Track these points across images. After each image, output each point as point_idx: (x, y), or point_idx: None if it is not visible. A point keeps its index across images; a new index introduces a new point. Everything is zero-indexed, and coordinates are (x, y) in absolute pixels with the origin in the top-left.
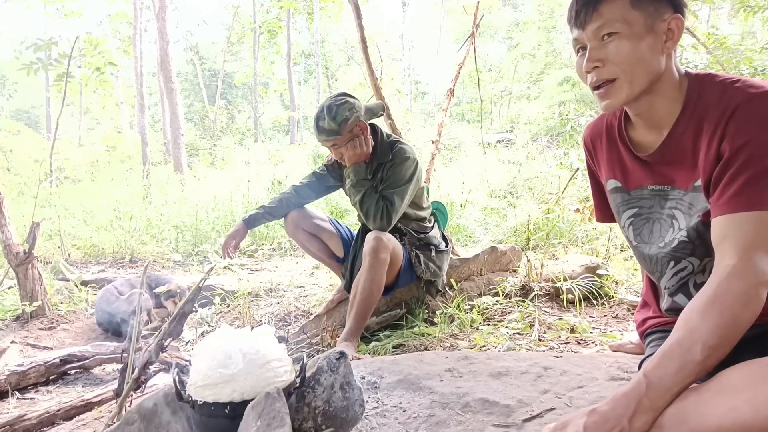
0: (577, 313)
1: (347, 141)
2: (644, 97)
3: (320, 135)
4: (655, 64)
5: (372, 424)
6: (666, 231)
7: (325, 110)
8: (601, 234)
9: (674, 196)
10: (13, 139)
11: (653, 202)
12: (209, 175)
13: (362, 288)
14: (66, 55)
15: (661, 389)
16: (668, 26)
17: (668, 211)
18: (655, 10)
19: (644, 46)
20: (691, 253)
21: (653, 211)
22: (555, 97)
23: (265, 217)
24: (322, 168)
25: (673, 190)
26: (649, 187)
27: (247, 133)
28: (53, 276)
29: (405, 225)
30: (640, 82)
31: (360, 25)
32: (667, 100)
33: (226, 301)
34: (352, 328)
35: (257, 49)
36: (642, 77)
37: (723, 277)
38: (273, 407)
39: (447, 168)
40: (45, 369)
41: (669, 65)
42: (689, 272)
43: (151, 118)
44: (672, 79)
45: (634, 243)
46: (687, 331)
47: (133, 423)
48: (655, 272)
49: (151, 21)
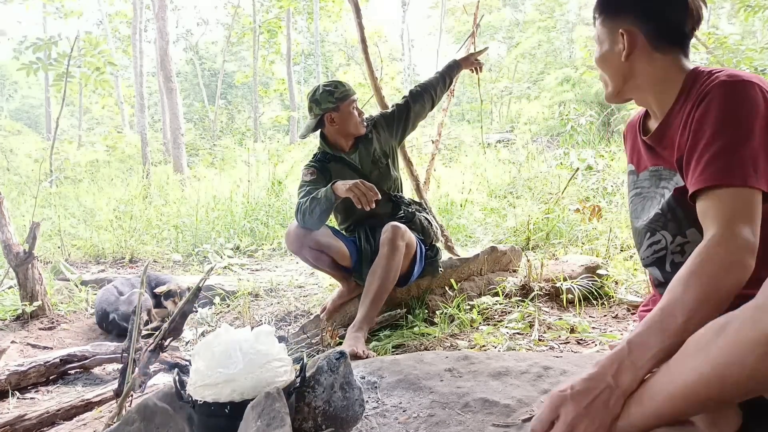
0: (577, 313)
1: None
2: (631, 93)
3: (351, 89)
4: (619, 66)
5: (372, 424)
6: (654, 207)
7: (336, 80)
8: (601, 234)
9: (666, 176)
10: (13, 139)
11: (651, 182)
12: (209, 175)
13: (378, 275)
14: (66, 55)
15: (642, 350)
16: (621, 41)
17: (660, 190)
18: (614, 26)
19: (607, 55)
20: (663, 227)
21: (650, 191)
22: (555, 97)
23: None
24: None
25: (665, 170)
26: (649, 168)
27: (247, 133)
28: (53, 276)
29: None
30: (614, 80)
31: (360, 25)
32: (655, 93)
33: (226, 301)
34: (364, 316)
35: (257, 49)
36: (613, 76)
37: (705, 247)
38: (273, 407)
39: (447, 168)
40: (45, 369)
41: (641, 67)
42: (662, 246)
43: (150, 118)
44: (654, 77)
45: (631, 218)
46: (669, 298)
47: (133, 423)
48: (637, 244)
49: (150, 21)
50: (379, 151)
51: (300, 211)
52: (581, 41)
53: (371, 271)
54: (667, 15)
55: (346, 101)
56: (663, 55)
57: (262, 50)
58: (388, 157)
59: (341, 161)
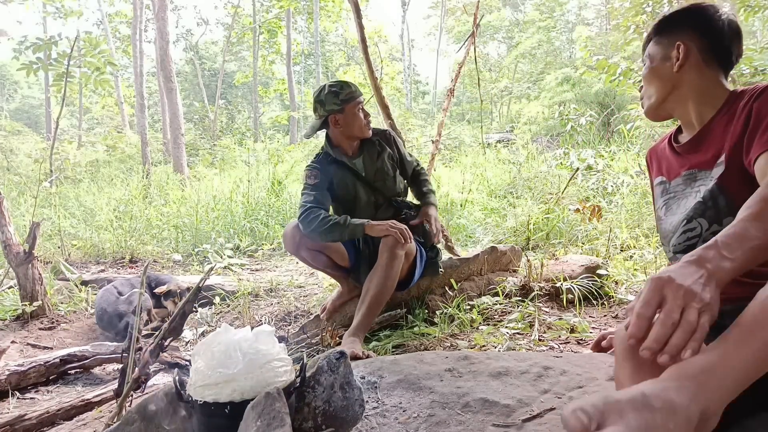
0: (577, 313)
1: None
2: (673, 103)
3: (357, 90)
4: (669, 76)
5: (372, 424)
6: (691, 203)
7: (341, 80)
8: (601, 234)
9: (701, 177)
10: (13, 139)
11: (685, 185)
12: (209, 175)
13: (376, 284)
14: (66, 55)
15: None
16: (675, 52)
17: (696, 188)
18: (670, 40)
19: (658, 67)
20: (702, 214)
21: (684, 192)
22: (555, 97)
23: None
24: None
25: (700, 171)
26: (682, 173)
27: (247, 133)
28: (53, 276)
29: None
30: (659, 91)
31: (360, 25)
32: (698, 105)
33: (226, 301)
34: (360, 323)
35: (257, 49)
36: (659, 87)
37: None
38: (273, 407)
39: (447, 168)
40: (45, 369)
41: (690, 78)
42: (697, 234)
43: (150, 117)
44: (701, 89)
45: (663, 217)
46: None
47: (133, 423)
48: (665, 238)
49: (150, 20)
50: (387, 162)
51: (311, 223)
52: (581, 41)
53: (369, 277)
54: (722, 36)
55: (351, 103)
56: (711, 71)
57: (262, 50)
58: (395, 170)
59: (343, 166)
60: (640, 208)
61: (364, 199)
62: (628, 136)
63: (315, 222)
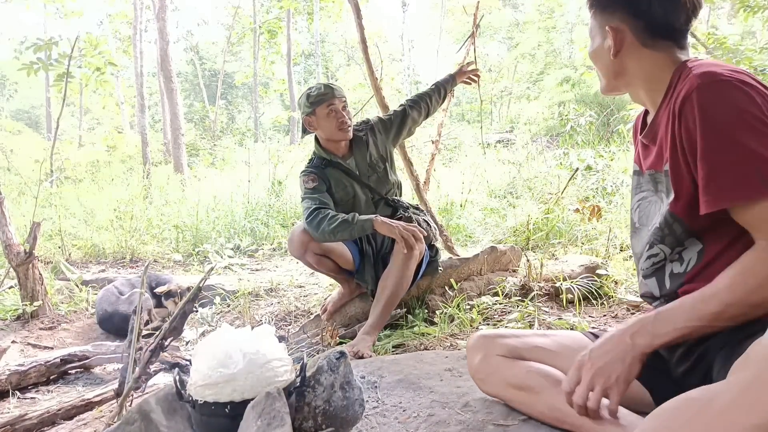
0: (577, 312)
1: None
2: (624, 89)
3: (337, 90)
4: (609, 62)
5: (372, 424)
6: (655, 214)
7: (324, 82)
8: (600, 234)
9: (659, 180)
10: (13, 139)
11: (651, 185)
12: (209, 175)
13: (392, 283)
14: (66, 55)
15: (666, 323)
16: (609, 39)
17: (659, 195)
18: (603, 21)
19: (598, 50)
20: (661, 240)
21: (651, 195)
22: (555, 97)
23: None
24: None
25: (657, 173)
26: (646, 171)
27: (247, 133)
28: (54, 276)
29: (398, 191)
30: (605, 76)
31: (360, 25)
32: (646, 90)
33: (227, 301)
34: (375, 321)
35: (257, 49)
36: (604, 72)
37: (756, 251)
38: (273, 407)
39: (447, 168)
40: (46, 369)
41: (631, 64)
42: (661, 259)
43: (151, 118)
44: (644, 73)
45: (637, 225)
46: (710, 288)
47: (134, 423)
48: (637, 256)
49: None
50: (375, 155)
51: (319, 224)
52: (581, 42)
53: (384, 276)
54: (654, 11)
55: (320, 105)
56: (653, 51)
57: (263, 51)
58: (385, 161)
59: (338, 167)
60: None
61: (363, 198)
62: (627, 137)
63: (323, 222)
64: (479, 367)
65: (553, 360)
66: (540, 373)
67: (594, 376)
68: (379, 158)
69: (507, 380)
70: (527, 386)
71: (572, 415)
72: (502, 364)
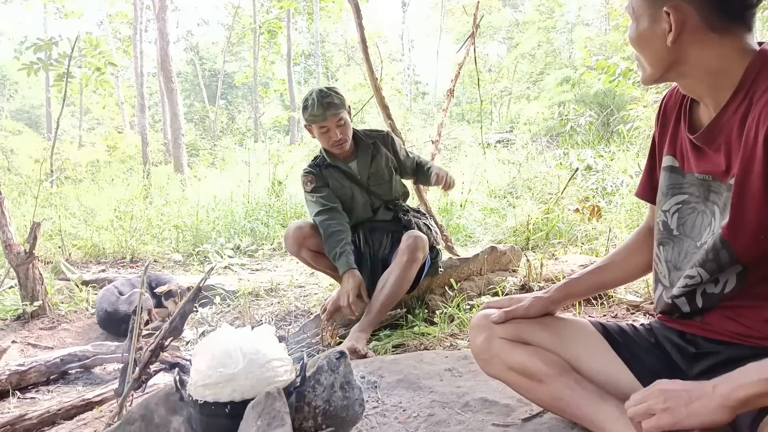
0: (577, 312)
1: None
2: (676, 80)
3: (329, 110)
4: (663, 50)
5: (372, 424)
6: (705, 229)
7: (325, 89)
8: (600, 234)
9: (715, 189)
10: (13, 139)
11: (699, 191)
12: (209, 175)
13: (392, 283)
14: (66, 55)
15: (752, 371)
16: (665, 22)
17: (711, 206)
18: (656, 2)
19: (647, 35)
20: (702, 265)
21: (699, 203)
22: (555, 97)
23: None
24: (310, 180)
25: (714, 181)
26: (696, 174)
27: (247, 133)
28: (54, 276)
29: (402, 199)
30: (654, 66)
31: (360, 26)
32: (709, 85)
33: (227, 301)
34: (371, 319)
35: (257, 50)
36: (652, 62)
37: None
38: (273, 407)
39: (447, 168)
40: (46, 369)
41: (694, 53)
42: (696, 282)
43: (151, 118)
44: (710, 66)
45: (675, 233)
46: None
47: (134, 422)
48: (671, 268)
49: (151, 21)
50: (383, 166)
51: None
52: (581, 42)
53: (385, 276)
54: None
55: (312, 125)
56: (722, 37)
57: (263, 51)
58: (392, 174)
59: (338, 169)
60: (639, 207)
61: (360, 201)
62: (627, 137)
63: (324, 234)
64: (481, 347)
65: (557, 347)
66: (544, 361)
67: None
68: (385, 169)
69: (509, 364)
70: (529, 372)
71: (574, 406)
72: (504, 346)
